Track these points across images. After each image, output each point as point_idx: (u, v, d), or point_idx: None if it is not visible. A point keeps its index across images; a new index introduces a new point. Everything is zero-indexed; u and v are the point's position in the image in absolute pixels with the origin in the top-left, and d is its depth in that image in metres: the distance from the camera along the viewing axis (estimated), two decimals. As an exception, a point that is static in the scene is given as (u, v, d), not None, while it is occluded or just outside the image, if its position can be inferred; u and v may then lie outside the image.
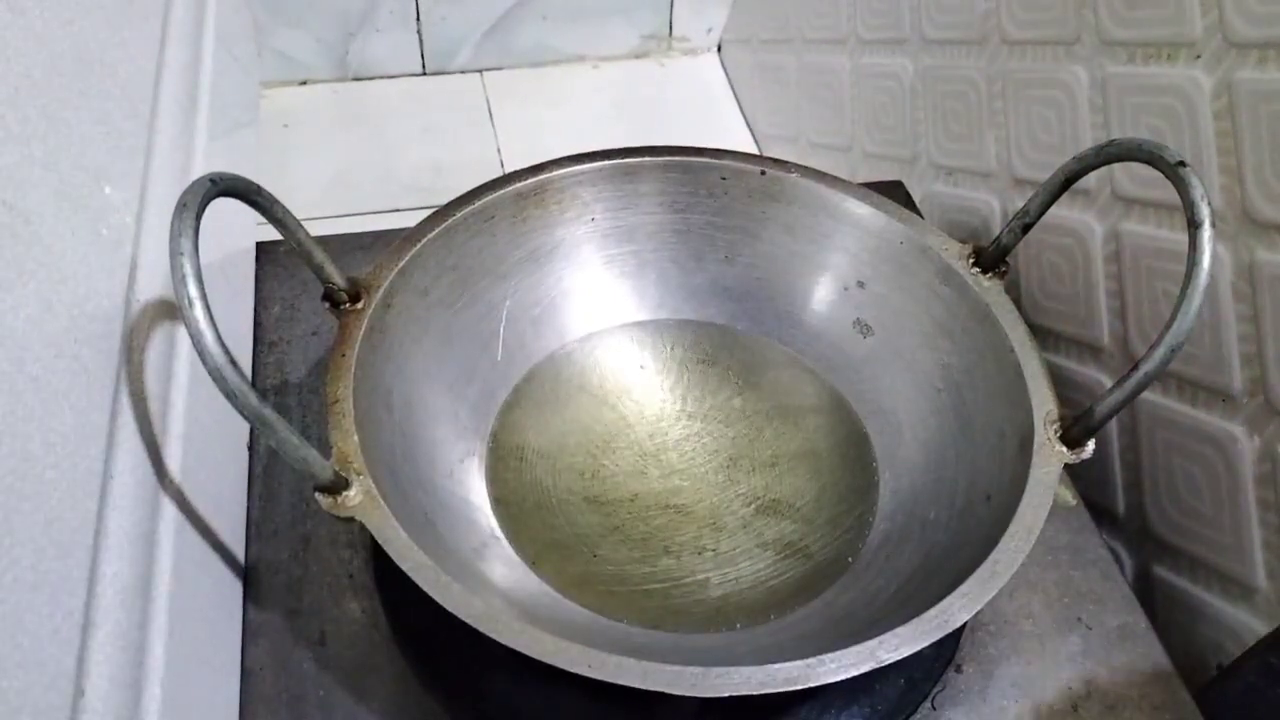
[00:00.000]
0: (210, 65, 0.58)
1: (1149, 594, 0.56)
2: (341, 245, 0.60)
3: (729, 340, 0.58)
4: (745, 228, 0.57)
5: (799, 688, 0.36)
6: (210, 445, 0.46)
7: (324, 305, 0.47)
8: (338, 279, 0.46)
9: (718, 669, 0.36)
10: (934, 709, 0.47)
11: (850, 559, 0.49)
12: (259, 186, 0.41)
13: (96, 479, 0.34)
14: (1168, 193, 0.42)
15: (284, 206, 0.43)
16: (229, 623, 0.46)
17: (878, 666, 0.37)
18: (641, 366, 0.57)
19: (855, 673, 0.37)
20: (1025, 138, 0.64)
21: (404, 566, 0.38)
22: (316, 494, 0.39)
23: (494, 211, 0.53)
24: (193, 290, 0.34)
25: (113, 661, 0.32)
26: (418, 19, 0.97)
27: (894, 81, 0.77)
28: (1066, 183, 0.47)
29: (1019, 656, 0.49)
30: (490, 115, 0.99)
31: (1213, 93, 0.49)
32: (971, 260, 0.51)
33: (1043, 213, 0.48)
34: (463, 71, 1.02)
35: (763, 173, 0.56)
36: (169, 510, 0.39)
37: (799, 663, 0.37)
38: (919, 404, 0.53)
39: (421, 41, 0.99)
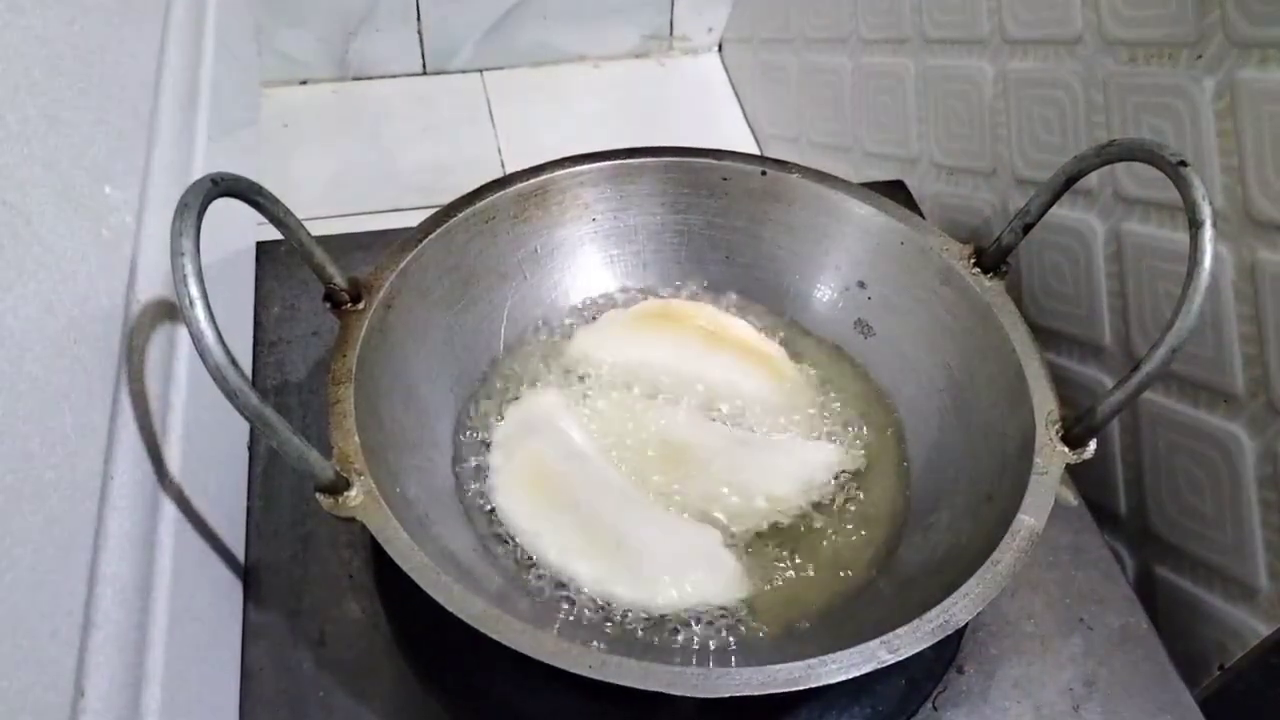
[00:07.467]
0: (211, 65, 0.58)
1: (1151, 594, 0.56)
2: (342, 245, 0.60)
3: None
4: (746, 228, 0.57)
5: (800, 688, 0.36)
6: (210, 446, 0.46)
7: (325, 305, 0.47)
8: (338, 279, 0.46)
9: (718, 669, 0.36)
10: (935, 710, 0.47)
11: (851, 559, 0.49)
12: (260, 186, 0.41)
13: (96, 479, 0.34)
14: (1169, 193, 0.42)
15: (285, 206, 0.43)
16: (229, 623, 0.46)
17: (879, 667, 0.37)
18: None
19: (856, 673, 0.36)
20: (1026, 137, 0.64)
21: (405, 567, 0.38)
22: (317, 494, 0.39)
23: (495, 212, 0.53)
24: (194, 290, 0.34)
25: (113, 661, 0.32)
26: (418, 19, 0.97)
27: (895, 81, 0.77)
28: (1068, 183, 0.47)
29: (1020, 657, 0.49)
30: (491, 115, 0.99)
31: (1214, 93, 0.49)
32: (972, 260, 0.51)
33: (1044, 213, 0.48)
34: (463, 71, 1.02)
35: (764, 173, 0.56)
36: (169, 510, 0.39)
37: (800, 663, 0.37)
38: (920, 404, 0.53)
39: (422, 41, 0.99)
